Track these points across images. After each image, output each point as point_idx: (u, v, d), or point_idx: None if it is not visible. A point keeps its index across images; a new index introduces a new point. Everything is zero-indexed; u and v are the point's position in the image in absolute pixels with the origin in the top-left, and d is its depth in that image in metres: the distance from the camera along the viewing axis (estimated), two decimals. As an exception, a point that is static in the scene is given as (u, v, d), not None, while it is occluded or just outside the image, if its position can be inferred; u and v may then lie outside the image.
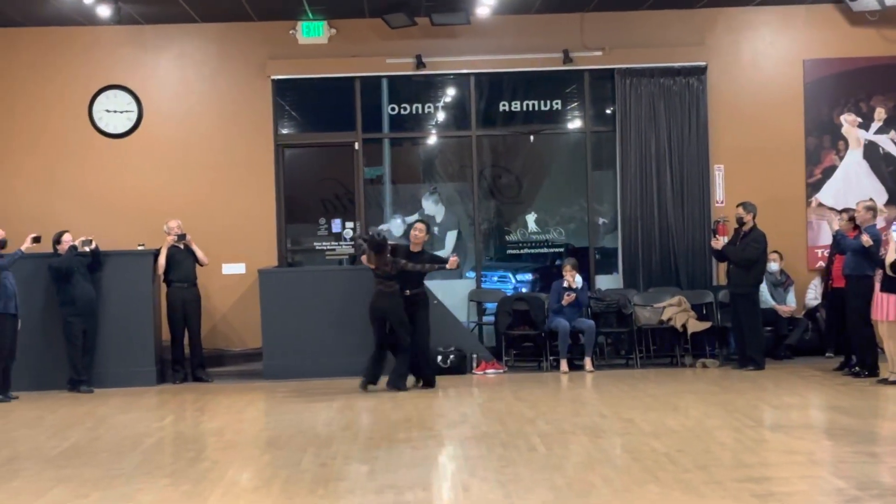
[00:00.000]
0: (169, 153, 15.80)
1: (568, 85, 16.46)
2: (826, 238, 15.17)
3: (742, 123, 16.02)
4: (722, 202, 15.93)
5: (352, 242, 15.15)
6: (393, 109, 16.42)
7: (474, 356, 14.75)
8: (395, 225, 16.52)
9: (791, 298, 15.49)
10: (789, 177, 16.03)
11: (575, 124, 16.65)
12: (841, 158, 16.10)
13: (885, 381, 12.68)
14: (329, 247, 16.31)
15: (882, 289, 12.57)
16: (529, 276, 16.65)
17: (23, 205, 15.48)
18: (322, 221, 16.36)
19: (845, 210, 14.19)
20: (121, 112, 15.83)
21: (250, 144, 15.88)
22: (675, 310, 14.99)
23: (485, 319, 16.00)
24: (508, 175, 16.82)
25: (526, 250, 16.53)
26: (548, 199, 16.75)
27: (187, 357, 14.70)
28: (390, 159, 16.83)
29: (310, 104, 16.60)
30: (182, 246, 14.56)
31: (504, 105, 16.44)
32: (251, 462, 9.63)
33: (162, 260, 14.47)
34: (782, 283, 15.50)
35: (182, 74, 15.93)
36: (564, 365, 14.63)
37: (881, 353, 13.12)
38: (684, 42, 15.95)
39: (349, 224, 16.21)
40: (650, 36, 15.93)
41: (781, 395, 12.32)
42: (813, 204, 15.99)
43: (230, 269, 15.53)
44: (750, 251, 14.26)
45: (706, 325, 15.02)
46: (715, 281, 15.73)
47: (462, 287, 16.11)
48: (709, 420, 10.81)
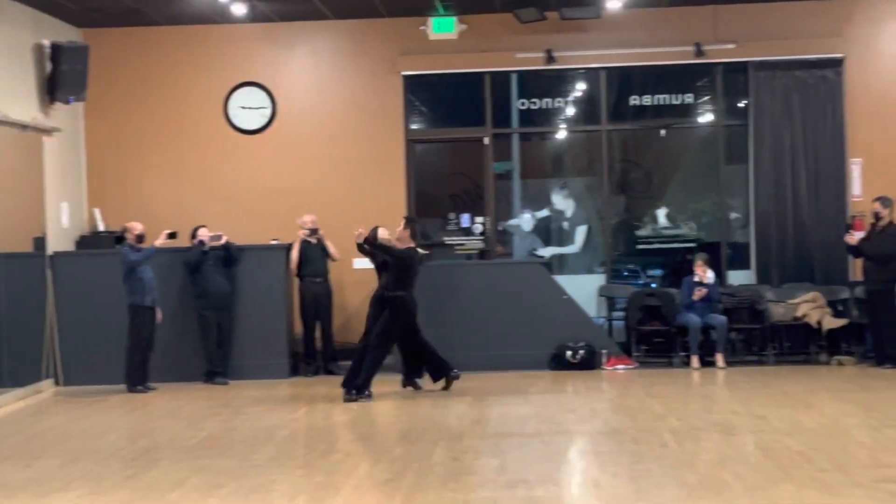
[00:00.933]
0: (301, 149, 15.99)
1: (700, 78, 16.29)
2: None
3: (881, 116, 15.65)
4: (859, 197, 15.59)
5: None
6: (523, 104, 16.41)
7: (604, 352, 14.68)
8: (525, 220, 16.50)
9: (932, 295, 15.12)
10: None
11: (707, 118, 16.45)
12: None
13: None
14: (458, 241, 16.36)
15: None
16: (660, 272, 16.51)
17: (162, 200, 15.80)
18: (451, 216, 16.42)
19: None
20: (255, 109, 16.07)
21: (381, 140, 15.99)
22: (810, 306, 14.73)
23: (615, 315, 15.90)
24: (638, 170, 16.72)
25: (656, 245, 16.39)
26: (679, 194, 16.60)
27: (319, 350, 14.88)
28: (520, 154, 16.83)
29: (440, 99, 16.69)
30: (314, 241, 14.74)
31: (634, 99, 16.32)
32: (383, 455, 9.71)
33: (294, 254, 14.67)
34: (922, 280, 15.13)
35: (314, 71, 16.11)
36: (695, 361, 14.50)
37: None
38: (821, 33, 15.63)
39: (478, 219, 16.26)
40: (785, 27, 15.64)
41: (921, 394, 12.10)
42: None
43: (361, 264, 15.60)
44: (887, 246, 13.97)
45: (842, 322, 14.74)
46: (851, 277, 15.40)
47: (592, 282, 16.04)
48: (845, 418, 10.64)
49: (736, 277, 16.01)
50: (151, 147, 16.04)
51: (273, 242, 14.84)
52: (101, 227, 15.58)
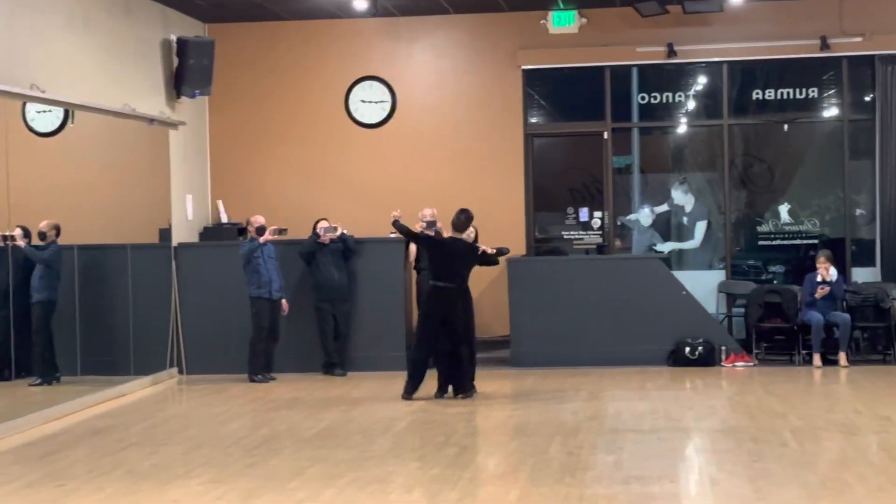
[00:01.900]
0: (421, 143, 16.07)
1: (825, 72, 16.00)
2: None
3: None
4: None
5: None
6: (643, 98, 16.30)
7: (723, 348, 14.52)
8: (644, 215, 16.38)
9: None
10: None
11: (831, 112, 16.17)
12: None
13: None
14: (577, 236, 16.31)
15: None
16: (782, 268, 16.26)
17: (283, 193, 16.01)
18: (570, 210, 16.38)
19: None
20: (375, 102, 16.19)
21: (500, 134, 16.00)
22: (938, 305, 14.45)
23: (734, 311, 15.73)
24: (761, 164, 16.47)
25: (778, 241, 16.14)
26: (802, 190, 16.32)
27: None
28: (639, 148, 16.72)
29: (559, 94, 16.63)
30: (433, 234, 14.77)
31: (757, 93, 16.11)
32: (499, 448, 9.75)
33: (413, 247, 14.73)
34: None
35: (434, 65, 16.18)
36: (817, 359, 14.26)
37: None
38: (952, 25, 15.30)
39: (596, 214, 16.19)
40: (914, 20, 15.34)
41: None
42: None
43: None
44: None
45: (972, 322, 14.43)
46: (982, 275, 15.08)
47: (712, 278, 15.89)
48: (975, 421, 10.42)
49: (860, 275, 15.72)
50: (273, 140, 16.25)
51: (391, 236, 14.92)
52: (224, 219, 15.85)
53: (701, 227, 16.28)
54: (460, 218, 12.49)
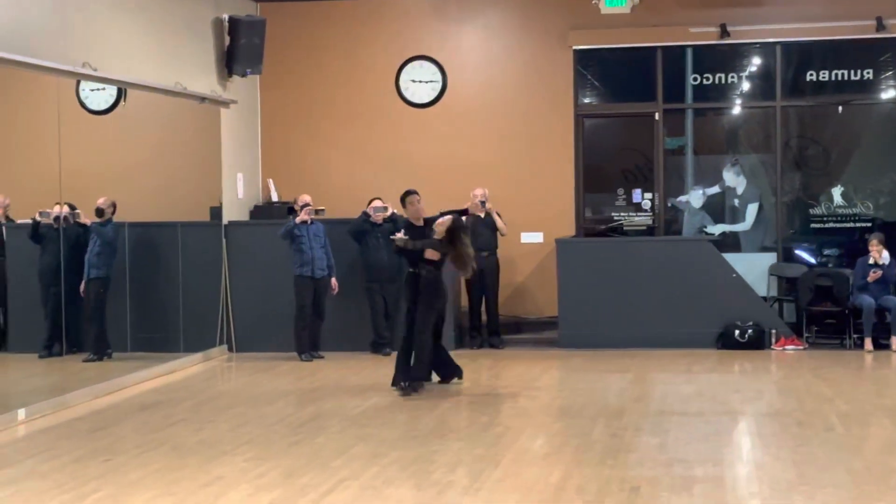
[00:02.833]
0: (471, 123, 16.04)
1: (881, 53, 15.80)
2: None
3: None
4: None
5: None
6: (696, 79, 16.20)
7: (773, 331, 14.42)
8: (695, 197, 16.30)
9: None
10: None
11: (888, 94, 15.98)
12: None
13: None
14: (627, 216, 16.26)
15: None
16: (834, 251, 16.11)
17: (333, 172, 16.05)
18: (620, 192, 16.32)
19: None
20: (426, 82, 16.18)
21: (551, 114, 15.95)
22: None
23: (785, 295, 15.62)
24: (816, 146, 16.34)
25: (831, 224, 16.01)
26: (856, 172, 16.18)
27: (484, 324, 14.95)
28: (693, 130, 16.62)
29: (610, 74, 16.54)
30: (482, 214, 14.76)
31: (811, 75, 15.96)
32: (543, 429, 9.76)
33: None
34: None
35: (485, 45, 16.13)
36: (869, 344, 14.16)
37: None
38: None
39: (647, 195, 16.13)
40: (973, -1, 15.12)
41: None
42: None
43: (528, 238, 15.67)
44: None
45: None
46: None
47: (763, 261, 15.78)
48: None
49: (913, 258, 15.59)
50: (324, 119, 16.29)
51: (440, 214, 14.88)
52: (275, 198, 15.92)
53: (752, 210, 16.17)
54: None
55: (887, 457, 8.36)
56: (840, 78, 15.94)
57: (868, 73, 15.89)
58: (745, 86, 16.34)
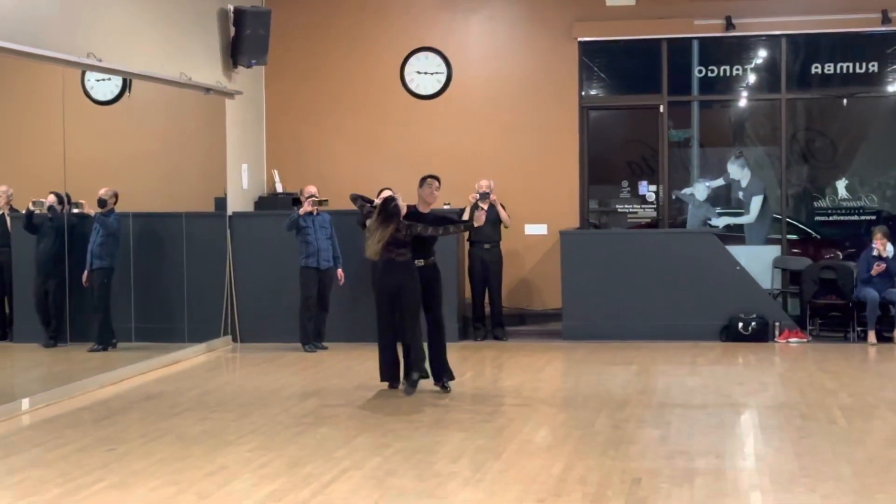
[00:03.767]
0: (476, 114, 16.05)
1: (887, 46, 15.80)
2: None
3: None
4: None
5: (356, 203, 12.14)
6: (701, 72, 16.21)
7: (777, 324, 14.44)
8: (699, 189, 16.32)
9: None
10: None
11: (893, 87, 15.98)
12: None
13: None
14: (632, 209, 16.28)
15: None
16: (838, 244, 16.12)
17: (338, 163, 16.08)
18: (625, 184, 16.34)
19: None
20: (431, 74, 16.19)
21: (555, 106, 15.95)
22: None
23: (789, 287, 15.63)
24: (823, 139, 16.35)
25: (835, 217, 16.04)
26: (861, 165, 16.20)
27: (487, 316, 14.95)
28: (698, 122, 16.63)
29: (615, 66, 16.56)
30: (485, 206, 14.74)
31: (817, 67, 15.96)
32: (546, 420, 9.77)
33: (465, 217, 14.71)
34: None
35: (490, 37, 16.14)
36: (872, 336, 14.16)
37: None
38: None
39: (651, 187, 16.16)
40: (979, -7, 15.12)
41: None
42: None
43: (532, 230, 15.69)
44: None
45: None
46: None
47: (767, 253, 15.79)
48: None
49: (918, 251, 15.61)
50: (329, 110, 16.30)
51: (445, 207, 14.94)
52: (280, 189, 15.95)
53: (757, 202, 16.17)
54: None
55: (890, 450, 8.38)
56: (846, 71, 15.95)
57: (874, 66, 15.89)
58: (751, 78, 16.35)
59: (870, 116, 16.36)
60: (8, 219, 11.93)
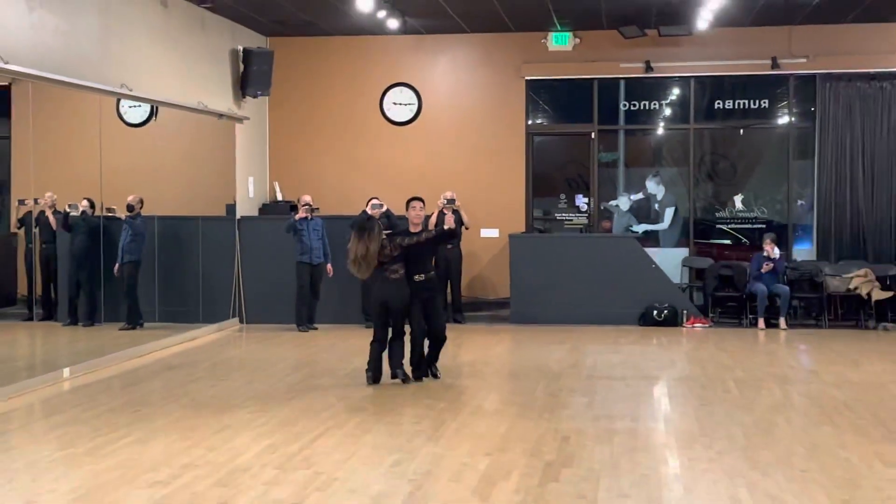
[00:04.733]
0: (441, 138, 16.05)
1: (775, 87, 15.90)
2: None
3: (930, 122, 15.18)
4: (908, 190, 15.16)
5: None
6: (625, 105, 16.25)
7: (684, 312, 14.51)
8: (623, 201, 16.37)
9: (968, 275, 14.64)
10: (971, 169, 15.09)
11: (781, 120, 16.07)
12: None
13: None
14: (569, 217, 16.33)
15: None
16: (735, 247, 16.20)
17: (328, 176, 16.04)
18: (563, 196, 16.38)
19: None
20: (405, 105, 16.18)
21: (506, 132, 15.98)
22: (862, 280, 14.35)
23: (695, 282, 15.70)
24: (724, 161, 16.41)
25: (733, 225, 16.11)
26: (755, 183, 16.28)
27: (449, 303, 14.93)
28: (624, 146, 16.67)
29: (555, 100, 16.56)
30: (449, 212, 14.73)
31: (719, 103, 16.04)
32: (495, 389, 9.78)
33: (433, 221, 14.65)
34: (962, 261, 14.66)
35: (454, 75, 16.14)
36: (762, 323, 14.26)
37: None
38: (881, 51, 15.13)
39: (584, 199, 16.21)
40: (850, 45, 15.17)
41: (953, 358, 11.72)
42: None
43: (487, 233, 15.71)
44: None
45: (889, 295, 14.34)
46: (899, 257, 15.01)
47: (677, 254, 15.86)
48: (885, 376, 10.39)
49: (799, 254, 15.73)
50: (321, 134, 16.26)
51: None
52: (280, 198, 15.89)
53: (669, 213, 16.25)
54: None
55: (773, 415, 8.43)
56: (743, 106, 16.03)
57: (765, 103, 16.00)
58: (666, 111, 16.39)
59: (762, 144, 16.42)
60: (52, 219, 11.85)
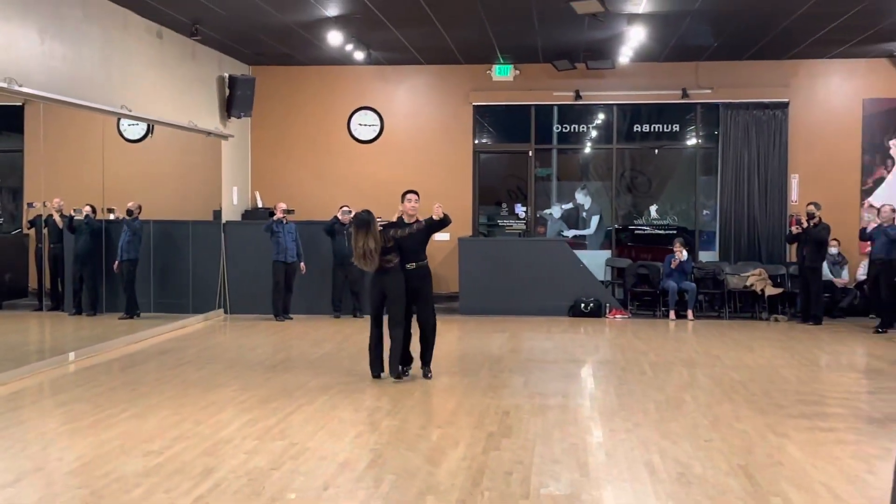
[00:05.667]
0: (400, 155, 16.04)
1: (685, 114, 16.06)
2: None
3: (814, 144, 15.38)
4: (796, 201, 15.33)
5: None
6: (558, 128, 16.32)
7: (607, 305, 14.62)
8: (555, 210, 16.45)
9: (845, 273, 14.84)
10: (848, 184, 15.32)
11: (689, 142, 16.22)
12: (889, 171, 15.30)
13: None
14: (508, 223, 16.36)
15: None
16: (650, 250, 16.34)
17: (303, 187, 15.96)
18: (504, 205, 16.41)
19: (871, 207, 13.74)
20: (369, 125, 16.14)
21: (456, 150, 16.00)
22: (757, 278, 14.55)
23: (617, 280, 15.82)
24: (642, 177, 16.53)
25: (649, 231, 16.24)
26: (667, 195, 16.42)
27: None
28: (556, 163, 16.75)
29: (498, 123, 16.59)
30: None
31: (638, 126, 16.16)
32: (444, 370, 9.74)
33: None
34: (839, 262, 14.86)
35: (411, 100, 16.13)
36: (672, 315, 14.41)
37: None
38: (773, 84, 15.36)
39: (523, 208, 16.26)
40: (747, 79, 15.39)
41: (833, 344, 11.87)
42: (865, 205, 15.25)
43: (439, 237, 15.49)
44: (817, 237, 13.75)
45: (779, 290, 14.57)
46: (787, 258, 15.18)
47: (601, 256, 15.97)
48: (776, 360, 10.52)
49: (704, 256, 15.86)
50: (296, 150, 16.18)
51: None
52: (260, 205, 15.79)
53: (595, 220, 16.36)
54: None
55: (681, 393, 8.50)
56: (657, 129, 16.15)
57: (676, 127, 16.14)
58: (593, 133, 16.49)
59: (673, 162, 16.57)
60: (59, 222, 11.69)
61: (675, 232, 15.91)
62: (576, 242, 16.03)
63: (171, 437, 6.64)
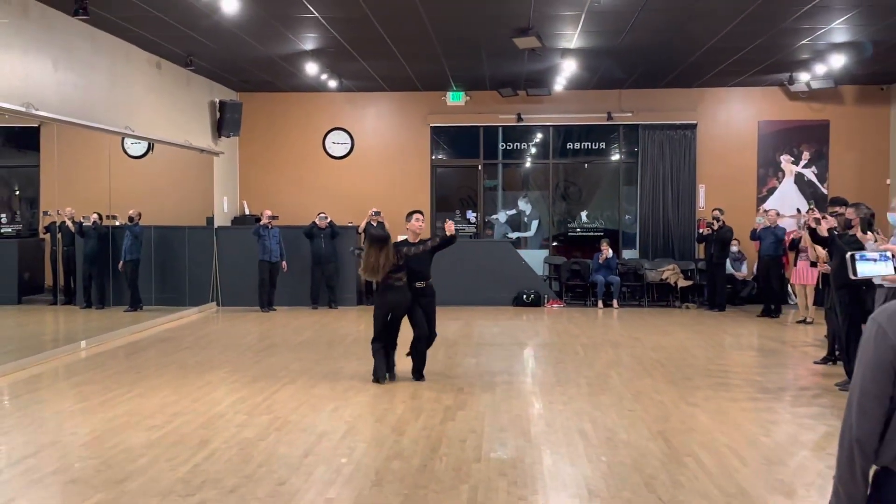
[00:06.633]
0: (369, 169, 15.95)
1: (610, 133, 16.17)
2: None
3: (718, 159, 15.57)
4: (703, 207, 15.53)
5: (357, 252, 10.34)
6: (503, 146, 16.36)
7: (546, 296, 14.68)
8: (501, 216, 16.49)
9: (744, 268, 15.06)
10: (746, 192, 15.54)
11: (614, 157, 16.34)
12: (780, 182, 15.56)
13: (803, 322, 12.31)
14: (461, 227, 16.34)
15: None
16: (581, 249, 16.45)
17: (285, 197, 15.82)
18: (458, 212, 16.41)
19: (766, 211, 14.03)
20: (341, 144, 16.04)
21: (416, 165, 15.96)
22: (671, 272, 14.71)
23: (554, 274, 15.88)
24: (574, 187, 16.62)
25: (580, 233, 16.34)
26: (595, 203, 16.52)
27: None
28: (502, 176, 16.78)
29: (452, 141, 16.58)
30: (375, 223, 14.65)
31: (570, 144, 16.24)
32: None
33: (361, 230, 14.62)
34: (739, 259, 15.07)
35: (377, 121, 16.06)
36: (600, 304, 14.49)
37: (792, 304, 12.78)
38: (684, 108, 15.54)
39: (473, 214, 16.27)
40: (662, 104, 15.54)
41: (734, 327, 12.03)
42: (760, 211, 15.48)
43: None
44: (721, 237, 13.95)
45: (690, 283, 14.71)
46: (696, 255, 15.36)
47: (540, 255, 16.01)
48: (687, 341, 10.64)
49: (627, 254, 15.96)
50: (279, 164, 16.03)
51: (349, 224, 14.84)
52: (247, 212, 15.63)
53: (535, 224, 16.42)
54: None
55: (608, 370, 8.57)
56: (587, 147, 16.23)
57: (602, 144, 16.23)
58: (533, 150, 16.53)
59: (600, 175, 16.66)
60: (71, 227, 11.50)
61: (603, 234, 15.99)
62: (518, 243, 16.05)
63: (171, 413, 6.56)
